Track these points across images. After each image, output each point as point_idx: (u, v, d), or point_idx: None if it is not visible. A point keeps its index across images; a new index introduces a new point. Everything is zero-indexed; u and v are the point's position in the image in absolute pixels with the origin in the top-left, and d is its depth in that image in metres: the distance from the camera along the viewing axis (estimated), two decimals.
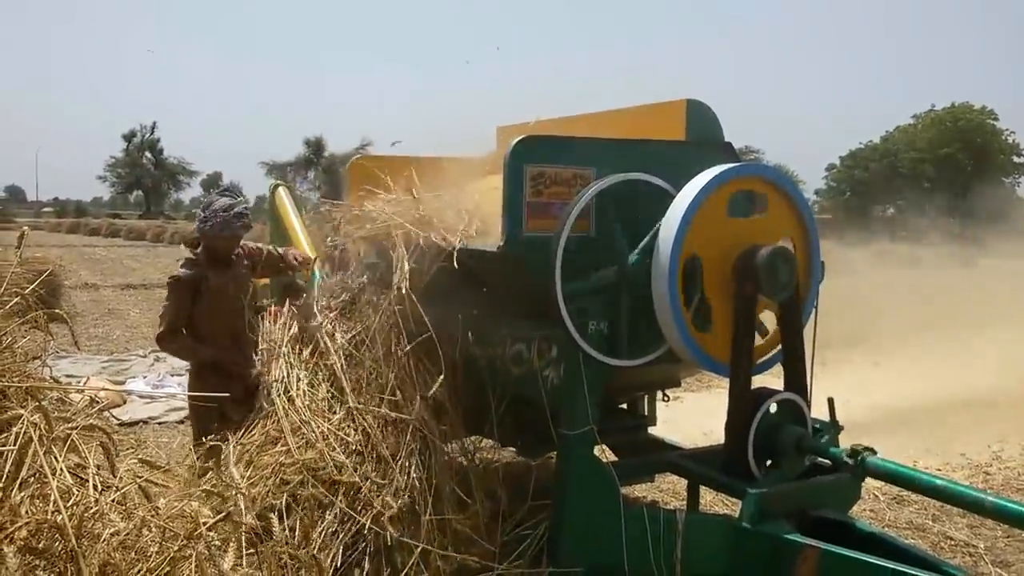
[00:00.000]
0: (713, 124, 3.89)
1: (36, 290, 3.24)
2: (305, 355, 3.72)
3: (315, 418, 3.39)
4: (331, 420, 3.39)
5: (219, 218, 3.97)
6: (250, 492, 3.08)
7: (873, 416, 7.11)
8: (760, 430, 3.50)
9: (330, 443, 3.28)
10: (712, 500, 5.19)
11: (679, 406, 7.11)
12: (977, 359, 9.66)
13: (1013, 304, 12.91)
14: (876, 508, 5.48)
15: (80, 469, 2.71)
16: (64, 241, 36.91)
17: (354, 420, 3.41)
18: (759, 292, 3.44)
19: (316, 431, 3.31)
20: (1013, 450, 6.88)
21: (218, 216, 3.96)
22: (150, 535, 2.63)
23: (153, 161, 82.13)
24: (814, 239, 3.73)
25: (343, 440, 3.31)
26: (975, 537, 5.04)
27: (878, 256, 23.43)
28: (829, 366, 7.47)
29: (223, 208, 3.98)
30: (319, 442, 3.26)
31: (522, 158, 3.41)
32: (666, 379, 4.36)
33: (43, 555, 2.35)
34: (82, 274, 21.13)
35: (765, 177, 3.66)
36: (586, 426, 3.42)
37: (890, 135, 62.89)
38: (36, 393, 2.92)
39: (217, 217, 3.96)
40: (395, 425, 3.47)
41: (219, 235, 4.00)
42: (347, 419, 3.41)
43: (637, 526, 3.39)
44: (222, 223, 3.97)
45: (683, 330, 3.40)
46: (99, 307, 14.97)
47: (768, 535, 3.33)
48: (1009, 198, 53.25)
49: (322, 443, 3.26)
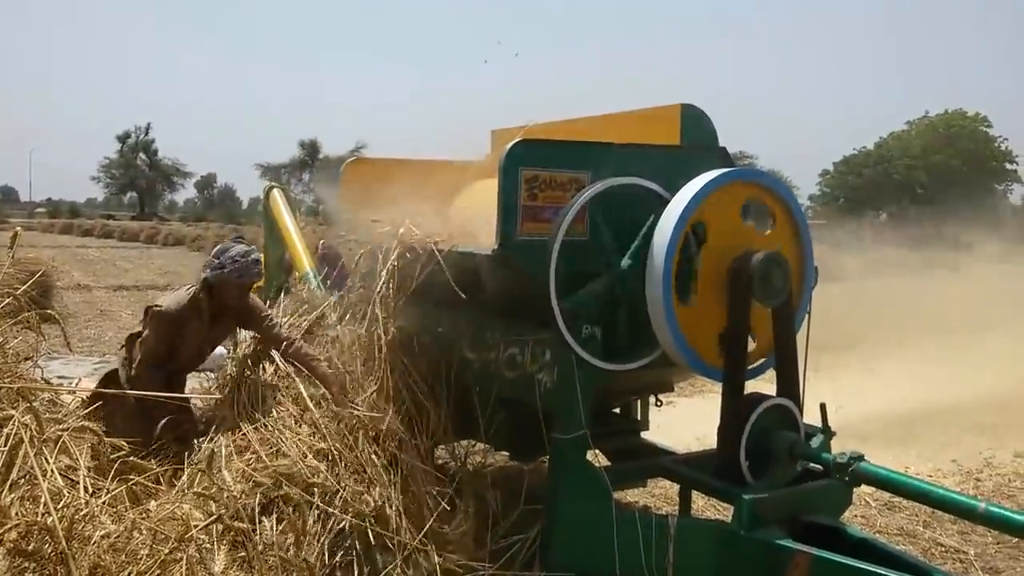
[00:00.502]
0: (708, 129, 3.90)
1: (28, 291, 3.23)
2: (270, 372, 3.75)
3: (283, 430, 3.39)
4: (298, 432, 3.39)
5: (238, 264, 3.83)
6: (240, 496, 3.07)
7: (865, 422, 7.11)
8: (753, 435, 3.50)
9: (301, 450, 3.28)
10: (704, 505, 5.19)
11: (672, 411, 7.10)
12: (969, 365, 9.69)
13: (1005, 310, 12.96)
14: (867, 514, 5.49)
15: (71, 471, 2.70)
16: (57, 242, 36.74)
17: (318, 429, 3.41)
18: (753, 297, 3.45)
19: (286, 441, 3.31)
20: (1004, 456, 6.90)
21: (237, 262, 3.83)
22: (140, 538, 2.63)
23: (147, 162, 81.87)
24: (807, 244, 3.74)
25: (313, 447, 3.31)
26: (965, 543, 5.05)
27: (870, 262, 23.49)
28: (823, 371, 7.49)
29: (241, 254, 3.87)
30: (291, 451, 3.26)
31: (517, 161, 3.42)
32: (659, 383, 4.37)
33: (33, 557, 2.34)
34: (75, 275, 21.04)
35: (760, 183, 3.67)
36: (579, 430, 3.42)
37: (884, 141, 63.10)
38: (27, 394, 2.92)
39: (236, 263, 3.83)
40: (366, 432, 3.48)
41: (235, 281, 3.88)
42: (314, 430, 3.41)
43: (629, 531, 3.39)
44: (241, 268, 3.85)
45: (676, 334, 3.40)
46: (91, 308, 14.90)
47: (760, 540, 3.33)
48: (1001, 204, 53.55)
49: (294, 451, 3.26)
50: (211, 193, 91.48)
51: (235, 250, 3.88)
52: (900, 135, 62.80)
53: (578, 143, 3.71)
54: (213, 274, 3.85)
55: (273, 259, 5.86)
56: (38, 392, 3.15)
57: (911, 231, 31.40)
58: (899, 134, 63.05)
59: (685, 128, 3.87)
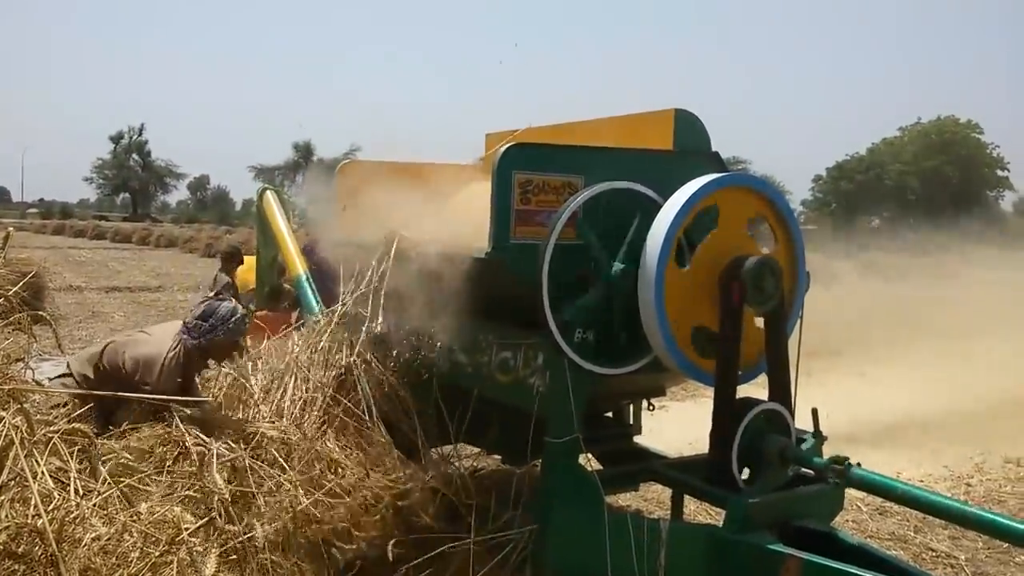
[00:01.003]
0: (701, 134, 3.90)
1: (20, 292, 3.22)
2: None
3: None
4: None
5: (231, 324, 3.84)
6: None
7: (857, 427, 7.14)
8: (744, 440, 3.50)
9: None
10: (696, 509, 5.20)
11: (664, 415, 7.11)
12: (961, 371, 9.73)
13: (997, 316, 13.00)
14: (859, 519, 5.51)
15: (61, 473, 2.70)
16: (49, 243, 36.61)
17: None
18: (745, 302, 3.45)
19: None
20: (995, 461, 6.93)
21: (229, 323, 3.83)
22: (132, 540, 2.62)
23: (140, 163, 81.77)
24: (799, 249, 3.75)
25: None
26: (956, 549, 5.07)
27: (862, 267, 23.53)
28: (814, 376, 7.51)
29: (230, 314, 3.87)
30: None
31: (510, 165, 3.42)
32: (651, 387, 4.37)
33: (23, 559, 2.34)
34: (67, 276, 20.97)
35: (753, 187, 3.68)
36: (571, 434, 3.42)
37: (876, 147, 63.33)
38: (18, 396, 2.91)
39: (229, 323, 3.83)
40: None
41: (229, 343, 3.90)
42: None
43: (621, 534, 3.38)
44: (234, 329, 3.86)
45: (668, 339, 3.41)
46: (83, 310, 14.86)
47: (751, 545, 3.34)
48: (993, 211, 53.70)
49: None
50: (204, 194, 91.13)
51: (223, 311, 3.84)
52: (893, 141, 63.06)
53: (571, 147, 3.71)
54: (207, 339, 3.82)
55: (266, 261, 5.85)
56: (29, 394, 3.14)
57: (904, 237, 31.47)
58: (892, 140, 63.32)
59: (678, 133, 3.87)
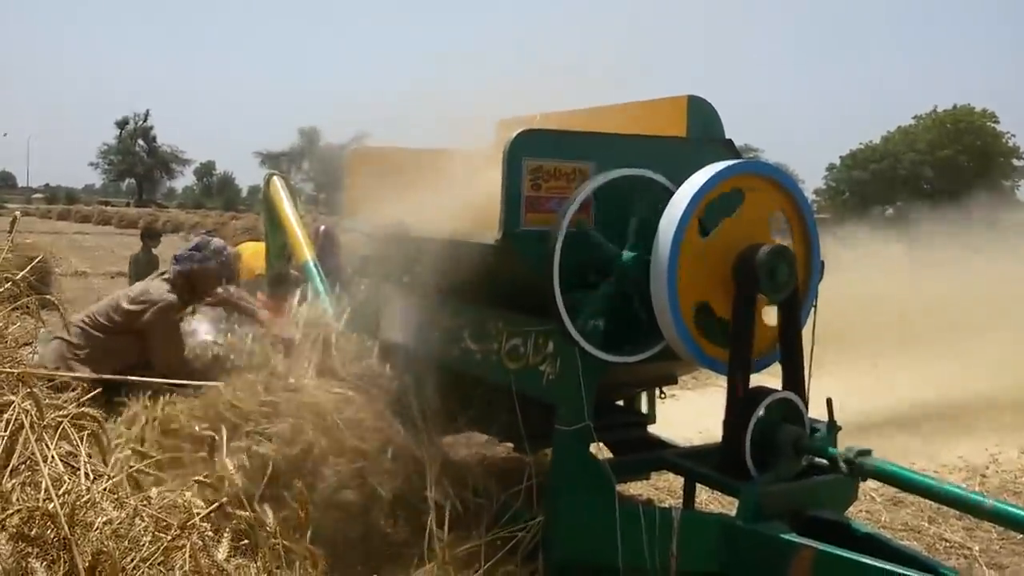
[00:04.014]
0: (714, 121, 3.87)
1: (27, 277, 3.21)
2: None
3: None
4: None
5: (222, 257, 3.87)
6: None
7: (871, 417, 7.09)
8: (757, 429, 3.48)
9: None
10: (708, 499, 5.18)
11: (675, 404, 7.08)
12: (975, 361, 9.63)
13: (1012, 306, 12.88)
14: (872, 509, 5.48)
15: (71, 457, 2.69)
16: (54, 228, 36.72)
17: None
18: (758, 291, 3.42)
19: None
20: (1010, 453, 6.88)
21: (221, 256, 3.86)
22: (143, 525, 2.61)
23: (146, 149, 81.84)
24: (814, 238, 3.71)
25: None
26: (970, 539, 5.04)
27: (876, 256, 23.40)
28: (827, 366, 7.45)
29: (222, 248, 3.88)
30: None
31: (521, 151, 3.39)
32: (663, 376, 4.34)
33: (36, 542, 2.33)
34: (72, 261, 21.03)
35: (763, 174, 3.64)
36: (582, 422, 3.40)
37: (891, 136, 62.82)
38: (28, 380, 2.90)
39: (220, 256, 3.86)
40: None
41: (215, 274, 3.89)
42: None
43: (632, 523, 3.37)
44: (223, 264, 3.88)
45: (681, 327, 3.38)
46: (89, 295, 14.89)
47: (764, 534, 3.31)
48: (1009, 201, 53.23)
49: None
50: (210, 180, 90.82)
51: (215, 244, 3.87)
52: (907, 130, 62.47)
53: (582, 133, 3.68)
54: (199, 265, 3.80)
55: (273, 247, 5.83)
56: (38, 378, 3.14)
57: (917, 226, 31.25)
58: (906, 129, 62.74)
59: (692, 120, 3.84)
